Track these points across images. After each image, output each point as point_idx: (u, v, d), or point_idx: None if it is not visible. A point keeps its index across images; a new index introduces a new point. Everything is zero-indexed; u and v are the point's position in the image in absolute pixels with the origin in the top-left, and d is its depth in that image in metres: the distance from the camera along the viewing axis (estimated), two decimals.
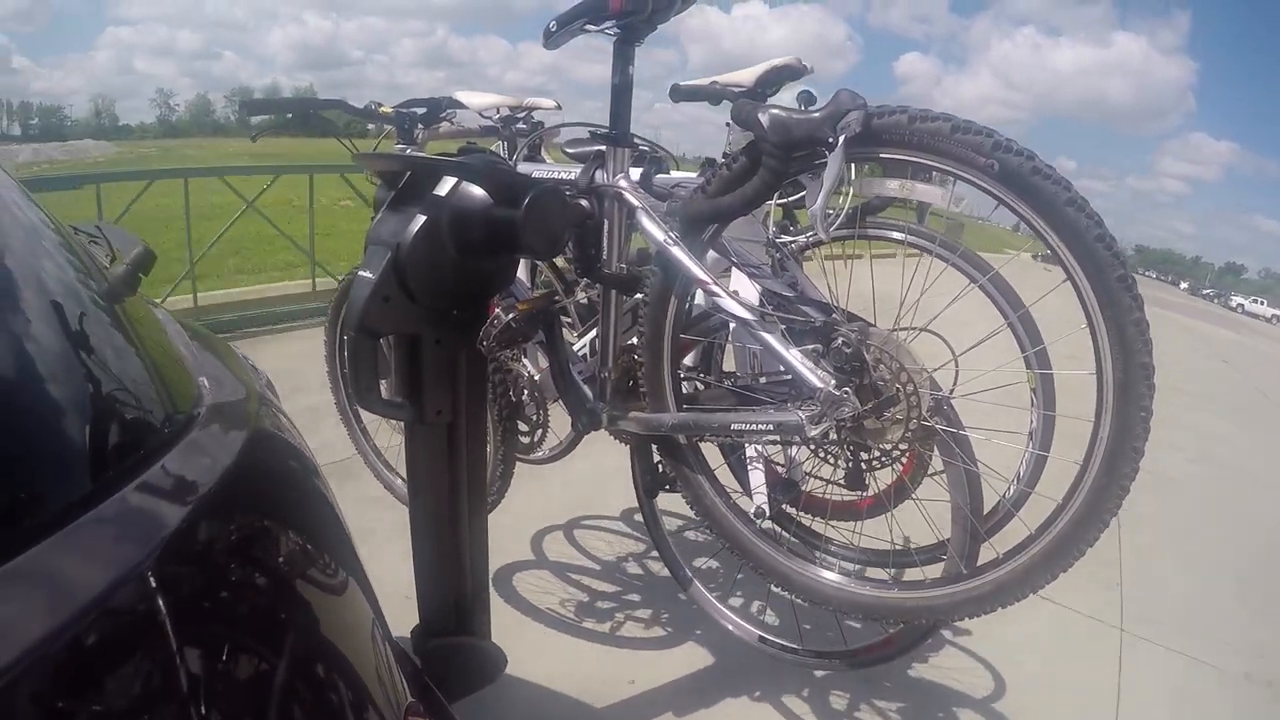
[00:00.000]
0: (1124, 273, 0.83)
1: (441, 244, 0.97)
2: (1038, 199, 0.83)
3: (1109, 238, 0.83)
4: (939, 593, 1.03)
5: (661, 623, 1.86)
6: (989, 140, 0.84)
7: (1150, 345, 0.84)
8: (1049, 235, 0.84)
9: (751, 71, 1.41)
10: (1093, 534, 0.90)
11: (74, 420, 0.53)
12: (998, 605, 0.98)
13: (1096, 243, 0.82)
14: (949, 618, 1.06)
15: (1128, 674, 1.87)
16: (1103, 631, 2.07)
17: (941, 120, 0.86)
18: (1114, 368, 0.84)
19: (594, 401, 1.28)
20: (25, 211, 0.66)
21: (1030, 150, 0.84)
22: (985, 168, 0.84)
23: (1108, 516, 0.89)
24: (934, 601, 1.03)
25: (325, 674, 0.55)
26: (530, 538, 2.18)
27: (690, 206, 1.05)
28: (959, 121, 0.85)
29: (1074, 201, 0.83)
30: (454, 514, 1.13)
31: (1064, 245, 0.84)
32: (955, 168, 0.86)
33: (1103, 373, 0.86)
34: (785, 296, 1.15)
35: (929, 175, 0.95)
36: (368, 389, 1.00)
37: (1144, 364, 0.83)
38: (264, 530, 0.62)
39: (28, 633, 0.36)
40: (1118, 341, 0.83)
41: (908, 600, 1.06)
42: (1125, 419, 0.85)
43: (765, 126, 0.92)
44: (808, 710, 1.61)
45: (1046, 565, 0.93)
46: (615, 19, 1.06)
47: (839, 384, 0.98)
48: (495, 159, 1.27)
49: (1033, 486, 1.40)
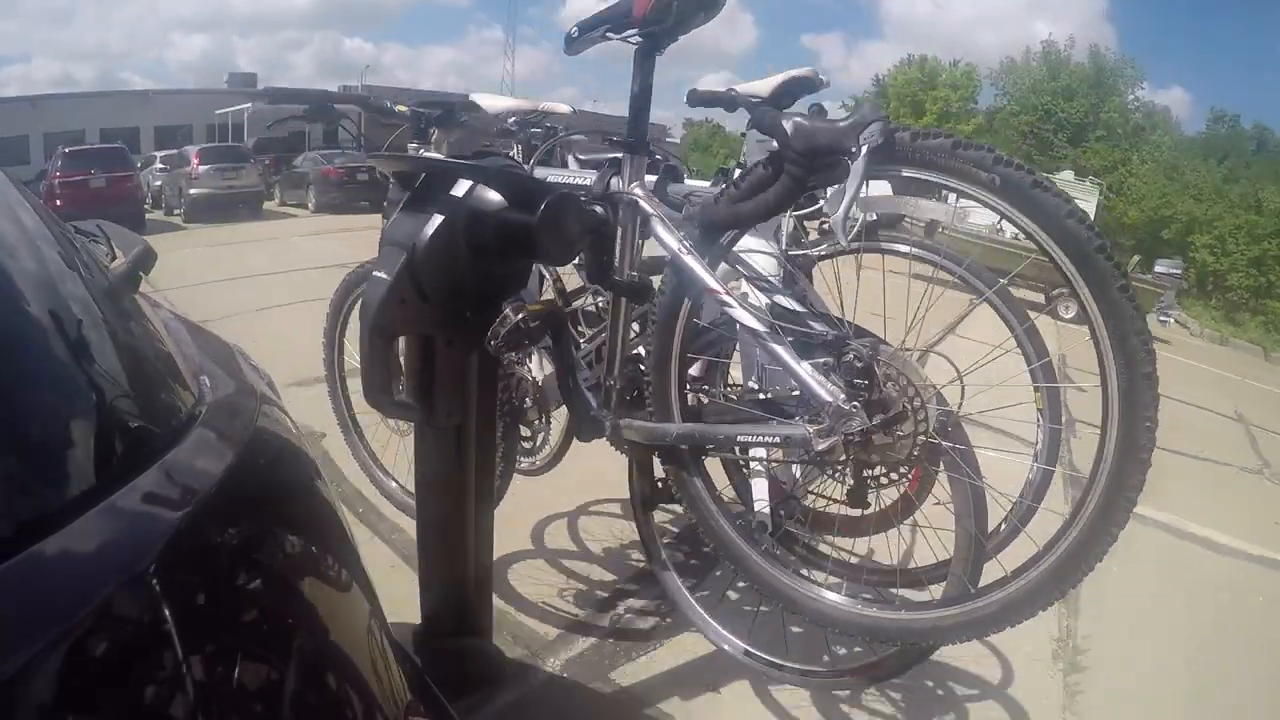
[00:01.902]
0: (1125, 283, 0.84)
1: (456, 246, 0.98)
2: (1039, 211, 0.85)
3: (1109, 248, 0.84)
4: (946, 613, 1.02)
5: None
6: (990, 156, 0.86)
7: (1154, 356, 0.84)
8: (1051, 248, 0.86)
9: (768, 83, 1.42)
10: (1101, 548, 0.89)
11: (74, 419, 0.53)
12: (1006, 624, 0.97)
13: (1098, 254, 0.83)
14: (957, 639, 1.05)
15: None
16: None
17: (943, 138, 0.88)
18: (1118, 378, 0.85)
19: (598, 409, 1.28)
20: (24, 211, 0.66)
21: (1030, 165, 0.87)
22: (987, 183, 0.85)
23: (1115, 530, 0.88)
24: (941, 622, 1.02)
25: (326, 674, 0.55)
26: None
27: (709, 213, 1.05)
28: (960, 139, 0.88)
29: (1074, 214, 0.84)
30: (460, 515, 1.14)
31: (1066, 257, 0.85)
32: (958, 184, 0.88)
33: (1107, 384, 0.86)
34: (796, 310, 1.16)
35: (934, 191, 0.97)
36: (381, 389, 1.01)
37: (1148, 374, 0.84)
38: (264, 530, 0.62)
39: (28, 632, 0.36)
40: (1121, 352, 0.84)
41: (914, 621, 1.05)
42: (1130, 430, 0.85)
43: (789, 134, 0.92)
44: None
45: (1055, 582, 0.92)
46: (638, 28, 1.07)
47: (848, 398, 0.98)
48: (511, 162, 1.28)
49: (1039, 502, 1.40)
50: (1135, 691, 1.81)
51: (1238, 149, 19.71)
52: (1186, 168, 16.80)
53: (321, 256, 6.88)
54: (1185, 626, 2.13)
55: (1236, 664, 1.99)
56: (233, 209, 11.69)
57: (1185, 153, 18.92)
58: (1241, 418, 5.42)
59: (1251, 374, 8.57)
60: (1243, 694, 1.87)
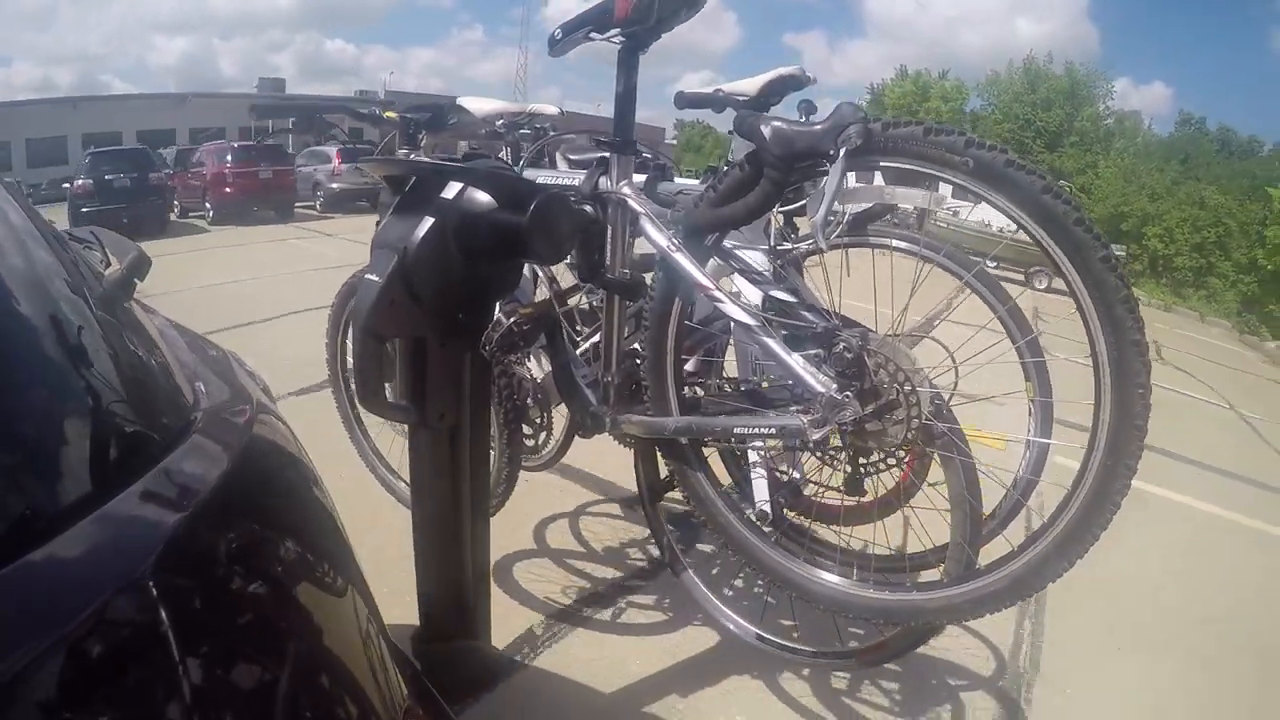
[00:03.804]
0: (1107, 253, 0.84)
1: (447, 248, 0.98)
2: (1015, 189, 0.86)
3: (1088, 221, 0.85)
4: (956, 591, 1.02)
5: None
6: (961, 140, 0.87)
7: (1141, 322, 0.85)
8: (1030, 225, 0.86)
9: (755, 81, 1.43)
10: (1104, 517, 0.91)
11: (69, 426, 0.53)
12: (1017, 598, 0.99)
13: (1076, 226, 0.84)
14: (970, 615, 1.06)
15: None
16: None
17: (914, 125, 0.89)
18: (1108, 348, 0.86)
19: (598, 405, 1.29)
20: (17, 217, 0.66)
21: (1003, 145, 0.88)
22: (960, 166, 0.86)
23: (1118, 498, 0.90)
24: (953, 600, 1.02)
25: (324, 678, 0.55)
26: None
27: (693, 216, 1.06)
28: (931, 124, 0.89)
29: (1050, 189, 0.85)
30: (456, 517, 1.14)
31: (1045, 233, 0.86)
32: (933, 169, 0.89)
33: (1097, 354, 0.87)
34: (787, 302, 1.17)
35: (911, 179, 0.98)
36: (373, 391, 1.02)
37: (1136, 341, 0.85)
38: (261, 535, 0.61)
39: (26, 637, 0.36)
40: (1108, 322, 0.85)
41: (928, 601, 1.05)
42: (1124, 398, 0.86)
43: (768, 139, 0.93)
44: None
45: (1061, 553, 0.94)
46: (620, 28, 1.08)
47: (840, 388, 0.99)
48: (501, 164, 1.29)
49: (1038, 476, 1.41)
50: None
51: (1201, 150, 22.59)
52: (1143, 171, 19.94)
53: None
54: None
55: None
56: (361, 202, 12.73)
57: (1151, 155, 21.78)
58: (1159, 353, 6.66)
59: (1185, 330, 11.24)
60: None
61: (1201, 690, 1.81)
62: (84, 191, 10.44)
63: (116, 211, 9.95)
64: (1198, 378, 6.31)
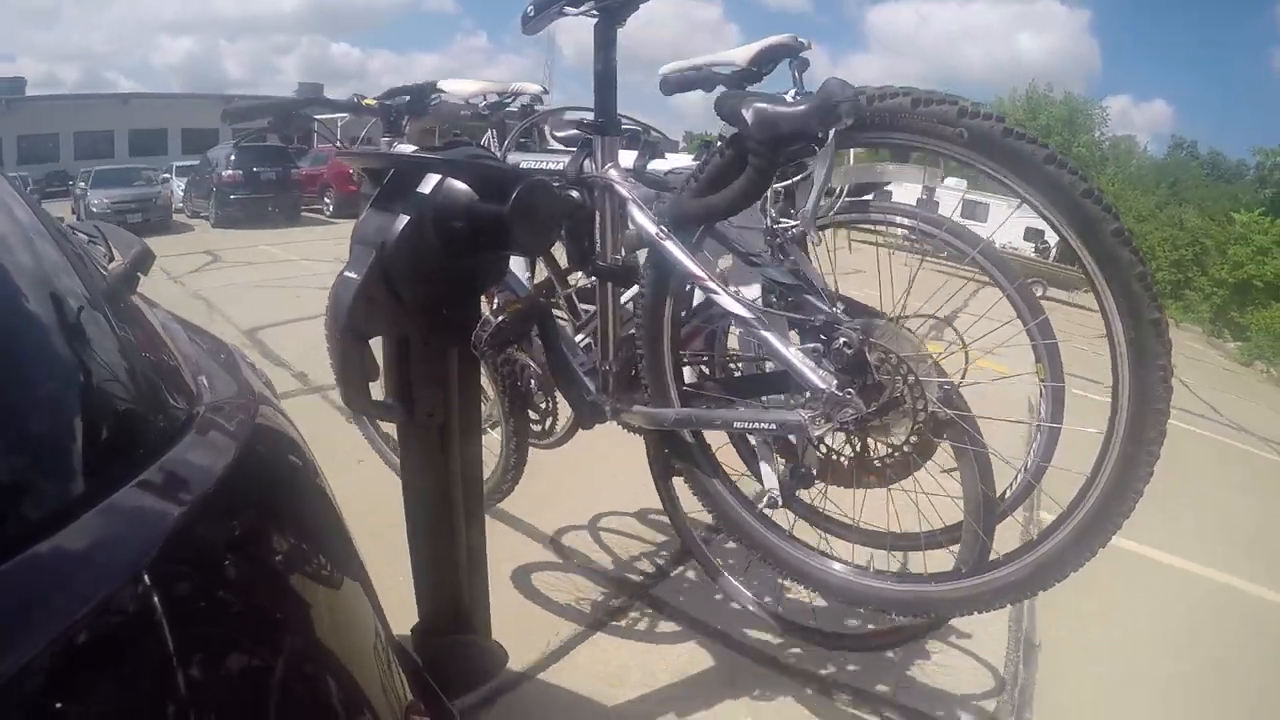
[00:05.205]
0: (1119, 226, 0.80)
1: (427, 242, 0.96)
2: (1016, 161, 0.80)
3: (1098, 192, 0.80)
4: (978, 581, 0.99)
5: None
6: (953, 109, 0.81)
7: (1158, 301, 0.81)
8: (1034, 198, 0.81)
9: (745, 50, 1.36)
10: (1127, 505, 0.87)
11: (71, 420, 0.54)
12: (1039, 588, 0.95)
13: (1085, 198, 0.79)
14: (992, 606, 1.02)
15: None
16: None
17: (901, 96, 0.83)
18: (1124, 328, 0.81)
19: (597, 394, 1.25)
20: (22, 212, 0.67)
21: (999, 114, 0.82)
22: (954, 137, 0.81)
23: (1140, 485, 0.85)
24: (974, 590, 0.99)
25: (325, 674, 0.56)
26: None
27: (677, 208, 1.02)
28: (920, 94, 0.83)
29: (1053, 158, 0.79)
30: (450, 513, 1.13)
31: (1052, 206, 0.81)
32: (925, 142, 0.83)
33: (1114, 334, 0.82)
34: (787, 285, 1.12)
35: (905, 154, 0.92)
36: (356, 391, 0.99)
37: (1155, 320, 0.80)
38: (263, 530, 0.62)
39: (28, 633, 0.37)
40: (1124, 300, 0.80)
41: (950, 592, 1.02)
42: (1144, 380, 0.81)
43: (750, 122, 0.86)
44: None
45: (1083, 542, 0.90)
46: (594, 1, 1.03)
47: (841, 385, 0.94)
48: (480, 152, 1.24)
49: (1049, 461, 1.37)
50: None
51: (1189, 174, 25.48)
52: (1130, 195, 21.84)
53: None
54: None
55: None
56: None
57: (1142, 179, 24.18)
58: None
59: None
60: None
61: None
62: (233, 181, 11.85)
63: (263, 200, 11.45)
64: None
